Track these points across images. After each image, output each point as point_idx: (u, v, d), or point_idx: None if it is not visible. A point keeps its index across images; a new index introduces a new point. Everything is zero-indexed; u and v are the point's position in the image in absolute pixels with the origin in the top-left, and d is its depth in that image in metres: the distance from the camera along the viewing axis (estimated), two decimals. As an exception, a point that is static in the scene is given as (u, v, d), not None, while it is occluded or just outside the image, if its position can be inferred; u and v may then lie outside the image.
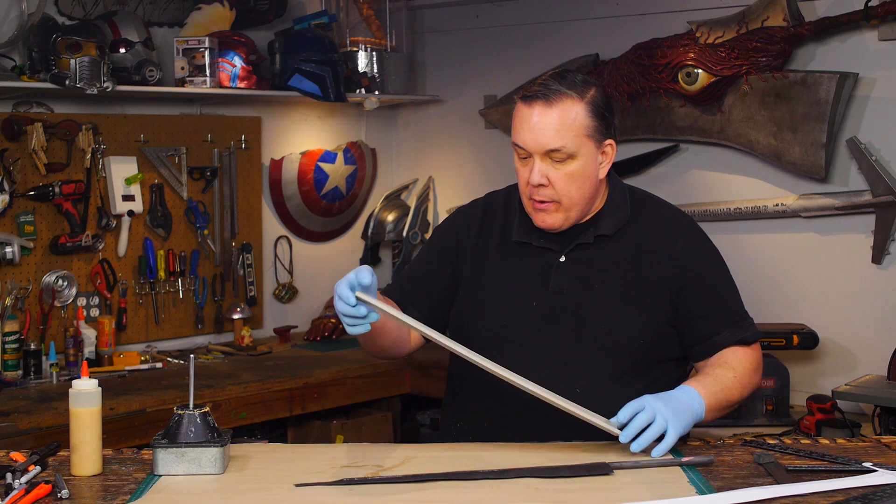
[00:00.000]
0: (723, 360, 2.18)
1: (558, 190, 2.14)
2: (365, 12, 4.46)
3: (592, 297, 2.17)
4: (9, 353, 3.43)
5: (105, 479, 1.84)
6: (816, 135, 3.47)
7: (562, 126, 2.12)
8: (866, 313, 3.50)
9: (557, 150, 2.11)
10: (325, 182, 4.50)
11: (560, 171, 2.13)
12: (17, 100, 3.61)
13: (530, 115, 2.13)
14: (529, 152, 2.13)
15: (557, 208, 2.15)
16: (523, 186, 2.17)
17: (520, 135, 2.14)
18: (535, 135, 2.12)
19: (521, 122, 2.14)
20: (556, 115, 2.12)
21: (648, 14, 3.96)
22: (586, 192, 2.17)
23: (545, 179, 2.13)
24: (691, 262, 2.21)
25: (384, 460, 1.93)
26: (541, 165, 2.13)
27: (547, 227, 2.18)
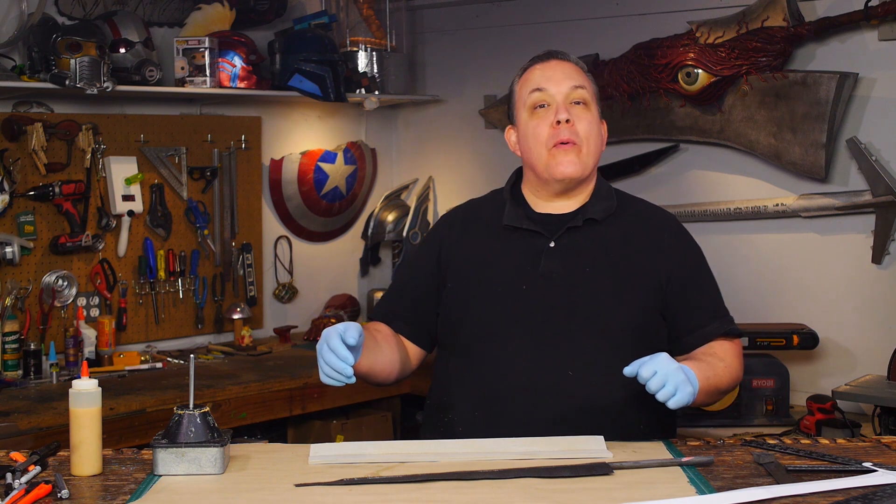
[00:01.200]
0: (713, 351, 2.23)
1: (580, 131, 2.22)
2: (365, 12, 4.46)
3: (583, 281, 2.19)
4: (9, 353, 3.43)
5: (105, 479, 1.84)
6: (816, 135, 3.47)
7: (580, 74, 2.27)
8: (866, 313, 3.50)
9: (582, 87, 2.23)
10: (325, 182, 4.50)
11: (582, 114, 2.22)
12: (17, 100, 3.61)
13: (548, 66, 2.26)
14: (551, 98, 2.22)
15: (578, 153, 2.21)
16: (544, 136, 2.22)
17: (541, 81, 2.24)
18: (559, 76, 2.23)
19: (540, 73, 2.26)
20: (573, 66, 2.28)
21: (648, 14, 3.96)
22: (597, 149, 2.26)
23: (570, 117, 2.21)
24: (679, 254, 2.27)
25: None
26: (564, 105, 2.22)
27: (569, 174, 2.21)
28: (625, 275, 2.20)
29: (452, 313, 2.26)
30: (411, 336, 2.34)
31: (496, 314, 2.20)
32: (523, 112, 2.27)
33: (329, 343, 1.97)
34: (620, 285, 2.19)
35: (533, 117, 2.25)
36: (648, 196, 3.94)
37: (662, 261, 2.23)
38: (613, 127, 4.00)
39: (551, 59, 2.28)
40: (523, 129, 2.27)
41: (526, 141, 2.26)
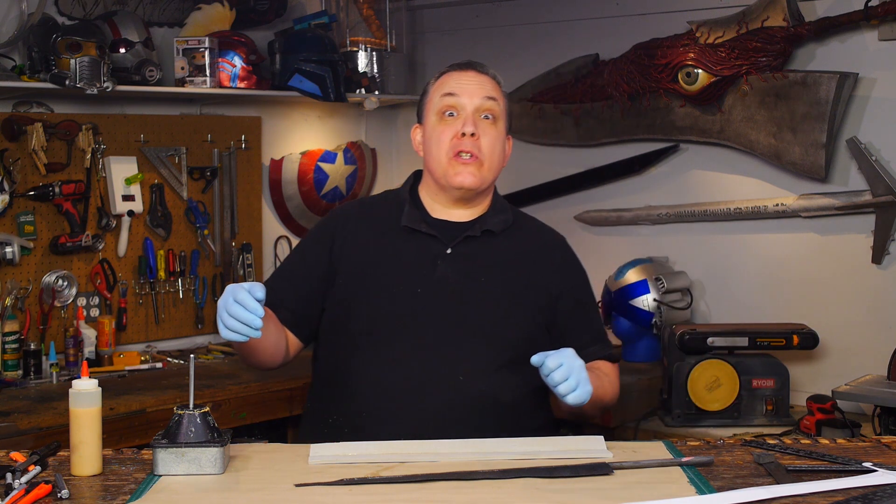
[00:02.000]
0: (598, 366, 2.31)
1: (483, 146, 2.24)
2: (365, 12, 4.46)
3: (477, 289, 2.24)
4: (9, 353, 3.43)
5: (105, 479, 1.84)
6: (816, 135, 3.47)
7: (495, 87, 2.32)
8: (866, 313, 3.50)
9: (493, 100, 2.26)
10: (325, 182, 4.50)
11: (488, 128, 2.26)
12: (17, 100, 3.61)
13: (465, 75, 2.31)
14: (461, 107, 2.25)
15: (479, 166, 2.24)
16: (447, 144, 2.25)
17: (455, 88, 2.28)
18: (472, 87, 2.27)
19: (455, 81, 2.30)
20: (490, 79, 2.33)
21: (648, 14, 3.96)
22: (498, 164, 2.29)
23: (476, 131, 2.23)
24: (568, 274, 2.36)
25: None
26: (472, 118, 2.25)
27: (468, 185, 2.24)
28: (517, 288, 2.26)
29: (343, 310, 2.26)
30: (294, 327, 2.32)
31: (390, 315, 2.22)
32: (432, 115, 2.30)
33: (236, 296, 1.94)
34: (512, 297, 2.25)
35: (440, 122, 2.27)
36: (648, 196, 4.00)
37: (554, 279, 2.31)
38: (613, 127, 4.01)
39: (469, 70, 2.32)
40: (429, 132, 2.29)
41: (429, 145, 2.29)
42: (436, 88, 2.32)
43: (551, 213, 4.03)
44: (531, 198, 4.25)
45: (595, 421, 3.42)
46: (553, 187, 4.26)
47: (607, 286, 3.82)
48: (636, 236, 4.06)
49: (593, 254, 3.88)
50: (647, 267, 3.79)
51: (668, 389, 3.30)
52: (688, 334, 3.28)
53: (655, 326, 3.71)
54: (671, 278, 3.77)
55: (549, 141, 4.25)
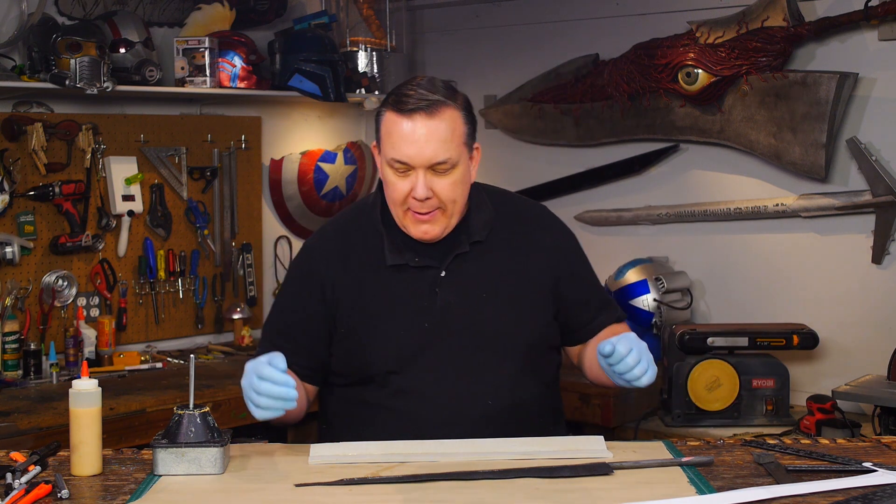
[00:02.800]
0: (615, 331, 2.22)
1: (443, 199, 2.08)
2: (365, 12, 4.46)
3: (481, 307, 2.16)
4: (9, 353, 3.43)
5: (105, 479, 1.84)
6: (816, 135, 3.47)
7: (446, 136, 2.05)
8: (866, 313, 3.50)
9: (443, 163, 2.05)
10: (325, 182, 4.50)
11: (444, 181, 2.08)
12: (17, 100, 3.61)
13: (413, 129, 2.04)
14: (411, 167, 2.06)
15: (441, 215, 2.10)
16: (400, 200, 2.09)
17: (401, 149, 2.05)
18: (419, 148, 2.04)
19: (400, 136, 2.05)
20: (441, 127, 2.05)
21: (648, 14, 3.97)
22: (464, 198, 2.15)
23: (430, 192, 2.07)
24: (563, 252, 2.29)
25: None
26: (424, 178, 2.06)
27: (430, 237, 2.12)
28: (517, 291, 2.19)
29: (354, 356, 2.18)
30: (311, 379, 2.22)
31: (403, 354, 2.14)
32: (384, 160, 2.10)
33: (260, 374, 1.87)
34: (515, 303, 2.18)
35: (392, 174, 2.09)
36: (648, 196, 4.00)
37: (548, 264, 2.24)
38: (613, 127, 4.01)
39: (416, 116, 2.04)
40: (384, 175, 2.12)
41: (386, 188, 2.13)
42: (385, 133, 2.08)
43: (551, 213, 4.03)
44: (531, 198, 4.24)
45: (595, 421, 3.43)
46: (553, 187, 4.26)
47: (607, 286, 3.82)
48: (636, 236, 4.06)
49: (593, 254, 3.84)
50: (647, 267, 3.79)
51: (668, 389, 3.30)
52: (688, 334, 3.28)
53: (655, 326, 3.71)
54: (671, 278, 3.77)
55: (549, 141, 4.25)
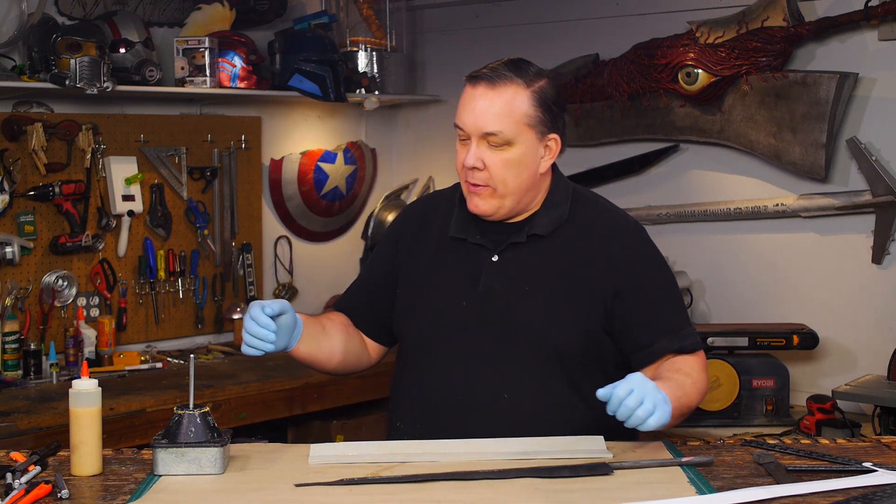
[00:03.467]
0: (677, 367, 2.08)
1: (493, 175, 2.10)
2: (365, 12, 4.46)
3: (522, 298, 2.12)
4: (9, 353, 3.43)
5: (105, 479, 1.84)
6: (816, 135, 3.47)
7: (502, 111, 2.08)
8: (866, 313, 3.50)
9: (494, 135, 2.08)
10: (325, 182, 4.50)
11: (497, 157, 2.09)
12: (17, 100, 3.61)
13: (473, 97, 2.10)
14: (468, 133, 2.11)
15: (492, 194, 2.11)
16: (460, 168, 2.14)
17: (461, 116, 2.12)
18: (474, 116, 2.09)
19: (464, 103, 2.12)
20: (498, 99, 2.09)
21: (648, 14, 3.97)
22: (523, 183, 2.12)
23: (480, 163, 2.09)
24: (629, 267, 2.14)
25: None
26: (477, 149, 2.10)
27: (480, 212, 2.14)
28: (565, 293, 2.12)
29: (399, 322, 2.24)
30: (369, 333, 2.32)
31: (435, 330, 2.16)
32: None
33: (250, 312, 2.02)
34: (560, 305, 2.11)
35: (458, 143, 2.16)
36: (648, 196, 4.00)
37: (610, 276, 2.12)
38: (613, 127, 4.01)
39: (479, 85, 2.11)
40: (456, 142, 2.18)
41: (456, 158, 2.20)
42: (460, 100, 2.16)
43: (551, 213, 4.03)
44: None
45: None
46: (553, 187, 4.26)
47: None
48: (636, 236, 4.06)
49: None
50: (647, 267, 3.78)
51: (668, 389, 3.30)
52: (688, 334, 3.28)
53: (655, 326, 3.71)
54: (671, 278, 3.76)
55: (549, 141, 4.25)
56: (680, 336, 2.14)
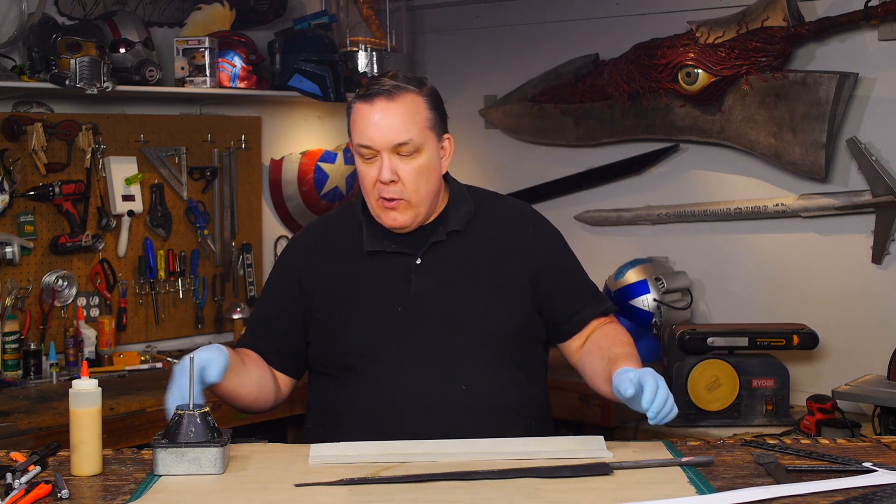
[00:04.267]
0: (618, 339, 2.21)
1: (407, 186, 2.13)
2: (365, 12, 4.46)
3: (456, 294, 2.18)
4: (9, 353, 3.43)
5: (105, 479, 1.84)
6: (816, 135, 3.47)
7: (407, 118, 2.12)
8: (866, 313, 3.50)
9: (405, 143, 2.12)
10: (325, 182, 4.50)
11: (409, 166, 2.14)
12: (17, 100, 3.61)
13: (372, 112, 2.12)
14: (376, 150, 2.12)
15: (407, 206, 2.15)
16: (370, 187, 2.15)
17: (364, 134, 2.12)
18: (381, 130, 2.11)
19: (364, 121, 2.13)
20: (401, 109, 2.13)
21: (648, 14, 3.97)
22: (432, 187, 2.18)
23: (395, 175, 2.12)
24: (544, 246, 2.27)
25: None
26: (389, 161, 2.12)
27: (398, 226, 2.17)
28: (495, 280, 2.20)
29: (328, 343, 2.22)
30: (282, 367, 2.28)
31: (376, 340, 2.16)
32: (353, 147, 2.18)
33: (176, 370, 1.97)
34: (493, 292, 2.20)
35: (361, 162, 2.16)
36: (648, 196, 4.00)
37: (529, 256, 2.24)
38: (613, 127, 4.01)
39: (377, 101, 2.12)
40: (356, 164, 2.19)
41: (359, 178, 2.20)
42: (352, 120, 2.17)
43: (551, 213, 3.99)
44: (531, 198, 4.25)
45: (595, 421, 3.43)
46: (553, 187, 4.26)
47: (607, 286, 3.82)
48: (636, 236, 4.06)
49: (593, 254, 3.88)
50: (647, 267, 3.79)
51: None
52: (688, 334, 3.28)
53: (655, 326, 3.71)
54: (671, 278, 3.77)
55: (549, 141, 4.25)
56: (600, 300, 2.32)
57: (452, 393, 2.13)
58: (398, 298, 2.18)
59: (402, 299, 2.17)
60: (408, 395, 2.13)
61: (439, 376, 2.14)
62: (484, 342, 2.17)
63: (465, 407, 2.13)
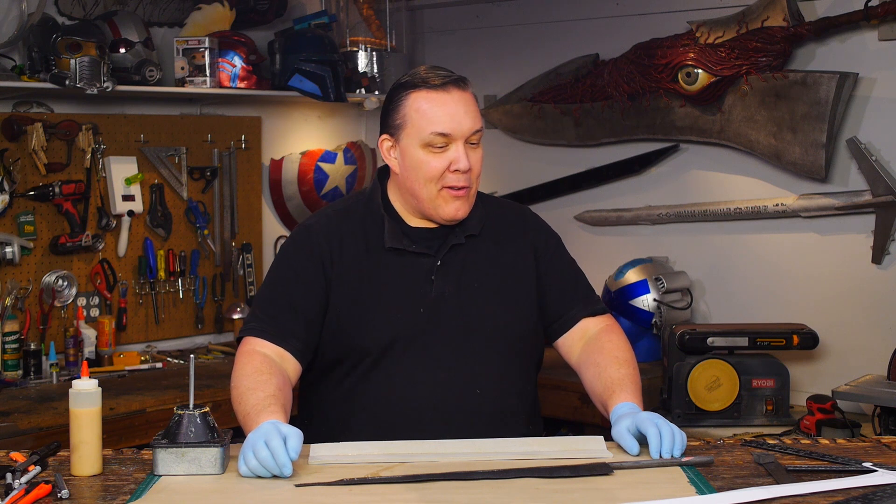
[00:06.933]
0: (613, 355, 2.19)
1: (474, 174, 2.17)
2: (365, 12, 4.46)
3: (475, 297, 2.19)
4: (9, 353, 3.43)
5: (105, 479, 1.84)
6: (816, 135, 3.47)
7: (475, 107, 2.17)
8: (866, 313, 3.50)
9: (479, 131, 2.16)
10: (325, 182, 4.50)
11: (476, 155, 2.17)
12: (17, 100, 3.61)
13: (449, 100, 2.12)
14: (453, 139, 2.12)
15: (468, 195, 2.18)
16: (435, 177, 2.13)
17: (442, 121, 2.10)
18: (459, 119, 2.12)
19: (441, 109, 2.11)
20: (471, 98, 2.17)
21: (648, 14, 3.97)
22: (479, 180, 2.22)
23: (470, 162, 2.14)
24: (544, 247, 2.29)
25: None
26: (464, 150, 2.13)
27: (460, 217, 2.18)
28: (508, 285, 2.23)
29: (344, 336, 2.17)
30: (301, 355, 2.17)
31: (396, 339, 2.15)
32: (415, 141, 2.13)
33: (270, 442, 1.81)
34: (508, 295, 2.22)
35: (427, 152, 2.12)
36: (648, 196, 4.00)
37: (533, 259, 2.27)
38: (613, 127, 4.01)
39: (450, 89, 2.12)
40: (412, 157, 2.14)
41: (414, 171, 2.14)
42: (416, 111, 2.12)
43: (551, 213, 4.02)
44: (531, 198, 4.25)
45: (595, 421, 3.43)
46: (553, 187, 4.26)
47: (607, 286, 3.82)
48: (636, 236, 4.06)
49: (593, 254, 3.89)
50: (647, 267, 3.79)
51: (668, 389, 3.30)
52: (688, 334, 3.28)
53: (655, 326, 3.71)
54: (671, 278, 3.77)
55: (549, 141, 4.25)
56: (591, 300, 2.32)
57: (467, 396, 2.14)
58: (419, 299, 2.17)
59: (423, 300, 2.17)
60: (424, 395, 2.14)
61: (455, 379, 2.15)
62: (496, 345, 2.19)
63: (477, 410, 2.14)
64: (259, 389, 2.01)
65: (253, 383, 2.03)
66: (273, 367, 2.09)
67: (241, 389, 2.03)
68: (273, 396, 1.99)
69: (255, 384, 2.02)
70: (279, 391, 2.02)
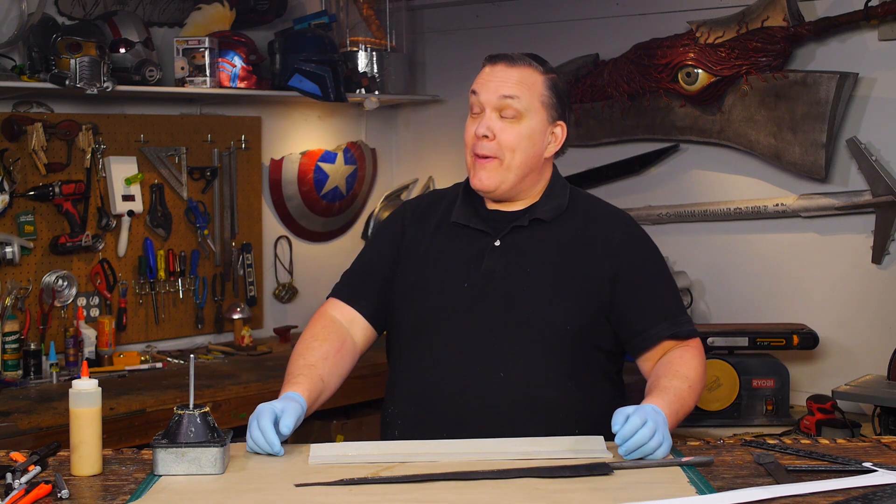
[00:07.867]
0: (674, 369, 2.12)
1: (501, 144, 2.16)
2: (365, 12, 4.46)
3: (523, 281, 2.17)
4: (9, 353, 3.43)
5: (105, 479, 1.84)
6: (816, 135, 3.47)
7: (520, 82, 2.16)
8: (866, 313, 3.50)
9: (510, 99, 2.15)
10: (325, 182, 4.50)
11: (508, 128, 2.16)
12: (17, 100, 3.61)
13: (492, 71, 2.19)
14: (483, 104, 2.16)
15: (498, 166, 2.17)
16: (469, 142, 2.19)
17: (477, 84, 2.19)
18: (491, 85, 2.17)
19: (482, 76, 2.20)
20: (517, 73, 2.17)
21: (648, 14, 3.97)
22: (528, 159, 2.18)
23: (490, 132, 2.15)
24: (628, 254, 2.20)
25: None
26: (490, 118, 2.16)
27: (484, 187, 2.18)
28: (566, 275, 2.17)
29: (397, 306, 2.25)
30: (372, 317, 2.27)
31: (436, 311, 2.19)
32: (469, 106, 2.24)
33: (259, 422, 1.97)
34: (560, 286, 2.16)
35: (469, 118, 2.22)
36: (648, 196, 4.00)
37: (609, 261, 2.18)
38: (613, 127, 4.01)
39: (499, 63, 2.19)
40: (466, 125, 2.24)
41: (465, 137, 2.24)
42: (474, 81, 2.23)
43: (551, 213, 4.04)
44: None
45: None
46: (553, 187, 4.26)
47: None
48: (636, 236, 4.06)
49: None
50: (647, 267, 3.79)
51: (668, 389, 3.30)
52: (688, 334, 3.28)
53: (655, 326, 3.71)
54: (671, 278, 3.77)
55: (549, 141, 4.25)
56: (677, 322, 2.19)
57: (488, 379, 2.12)
58: (466, 274, 2.19)
59: (470, 276, 2.18)
60: (449, 369, 2.14)
61: (481, 359, 2.13)
62: (536, 337, 2.14)
63: (499, 394, 2.12)
64: (302, 356, 2.17)
65: (303, 349, 2.19)
66: (331, 332, 2.22)
67: (294, 352, 2.19)
68: (310, 366, 2.14)
69: (304, 350, 2.19)
70: (322, 360, 2.16)
